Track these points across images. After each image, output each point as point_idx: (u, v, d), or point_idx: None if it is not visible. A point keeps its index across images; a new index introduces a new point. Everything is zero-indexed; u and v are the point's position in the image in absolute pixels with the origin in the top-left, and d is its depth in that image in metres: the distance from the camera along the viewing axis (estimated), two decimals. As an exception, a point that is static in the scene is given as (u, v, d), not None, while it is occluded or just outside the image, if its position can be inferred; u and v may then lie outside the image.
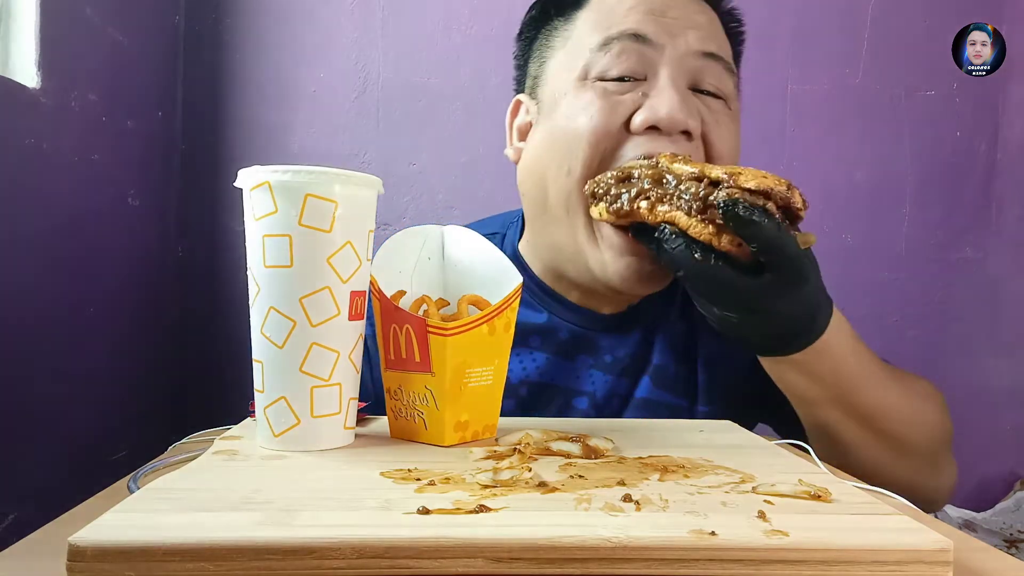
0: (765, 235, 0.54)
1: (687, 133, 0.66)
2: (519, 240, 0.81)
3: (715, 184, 0.57)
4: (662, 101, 0.64)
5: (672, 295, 0.78)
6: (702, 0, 0.72)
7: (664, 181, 0.60)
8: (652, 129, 0.65)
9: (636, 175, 0.62)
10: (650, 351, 0.77)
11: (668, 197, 0.59)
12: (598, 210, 0.64)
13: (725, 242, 0.57)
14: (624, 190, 0.62)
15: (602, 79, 0.67)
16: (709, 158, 0.68)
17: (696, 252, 0.58)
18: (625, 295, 0.74)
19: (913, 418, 0.69)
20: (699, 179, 0.58)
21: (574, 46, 0.70)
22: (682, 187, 0.58)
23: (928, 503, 0.65)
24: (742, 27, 0.77)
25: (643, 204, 0.61)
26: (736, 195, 0.55)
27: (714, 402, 0.76)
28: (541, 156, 0.70)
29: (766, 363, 0.66)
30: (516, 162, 0.77)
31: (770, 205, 0.56)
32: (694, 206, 0.57)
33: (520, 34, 0.80)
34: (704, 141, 0.68)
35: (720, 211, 0.55)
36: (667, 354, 0.76)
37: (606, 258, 0.68)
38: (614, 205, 0.62)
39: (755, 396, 0.75)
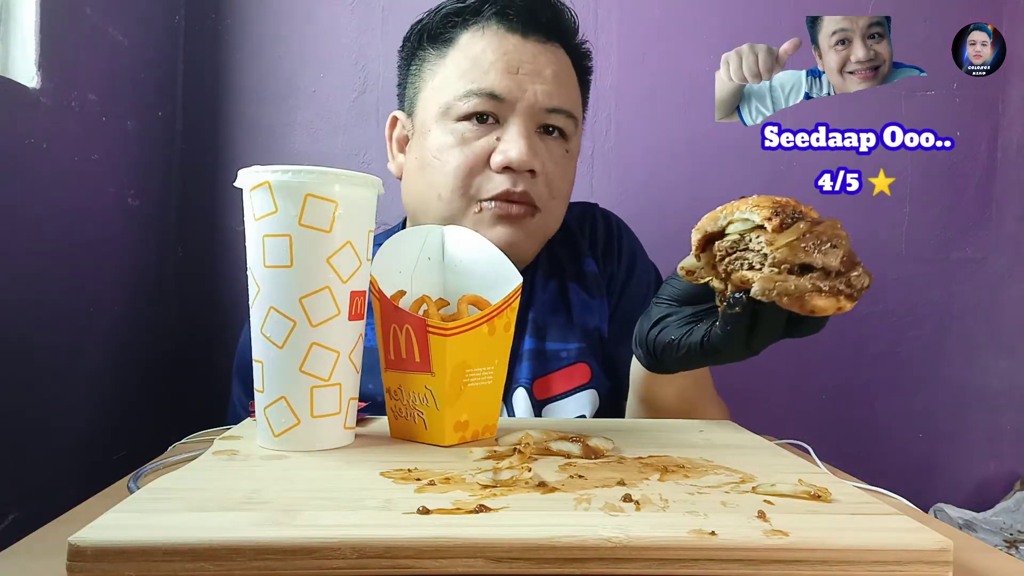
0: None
1: (533, 171, 0.79)
2: None
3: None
4: (513, 147, 0.78)
5: (535, 270, 0.88)
6: (553, 46, 0.83)
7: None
8: (506, 168, 0.79)
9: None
10: (526, 314, 0.87)
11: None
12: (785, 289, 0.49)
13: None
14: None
15: (463, 119, 0.80)
16: (548, 191, 0.82)
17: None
18: None
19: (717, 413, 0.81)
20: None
21: (442, 84, 0.82)
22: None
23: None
24: (590, 60, 0.90)
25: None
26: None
27: (585, 341, 0.86)
28: (417, 182, 0.84)
29: (655, 376, 0.70)
30: (398, 177, 0.90)
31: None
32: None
33: (401, 48, 0.90)
34: (544, 177, 0.81)
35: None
36: (541, 311, 0.87)
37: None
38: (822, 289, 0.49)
39: (606, 347, 0.88)
